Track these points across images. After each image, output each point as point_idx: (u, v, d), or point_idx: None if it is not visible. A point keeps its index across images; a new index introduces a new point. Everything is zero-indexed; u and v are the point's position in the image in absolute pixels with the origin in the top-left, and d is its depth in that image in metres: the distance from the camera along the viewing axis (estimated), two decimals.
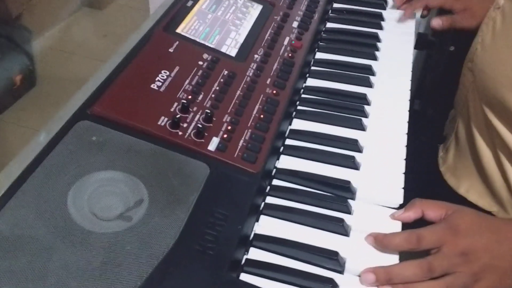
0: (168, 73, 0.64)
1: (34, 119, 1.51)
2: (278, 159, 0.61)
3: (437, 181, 0.79)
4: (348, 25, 0.85)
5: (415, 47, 0.87)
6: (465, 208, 0.55)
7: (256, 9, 0.80)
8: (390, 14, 0.88)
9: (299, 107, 0.69)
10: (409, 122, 0.67)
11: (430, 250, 0.51)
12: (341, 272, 0.50)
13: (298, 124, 0.66)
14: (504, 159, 0.67)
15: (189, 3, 0.76)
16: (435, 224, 0.53)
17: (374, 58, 0.78)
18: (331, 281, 0.48)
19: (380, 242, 0.52)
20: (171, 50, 0.67)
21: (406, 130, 0.66)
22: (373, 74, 0.75)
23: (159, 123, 0.57)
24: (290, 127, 0.66)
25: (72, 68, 1.76)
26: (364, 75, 0.74)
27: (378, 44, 0.81)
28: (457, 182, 0.76)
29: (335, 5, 0.90)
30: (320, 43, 0.81)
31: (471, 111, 0.72)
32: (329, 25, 0.86)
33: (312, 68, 0.76)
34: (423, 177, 0.65)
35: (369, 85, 0.73)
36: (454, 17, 0.81)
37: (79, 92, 0.61)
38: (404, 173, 0.60)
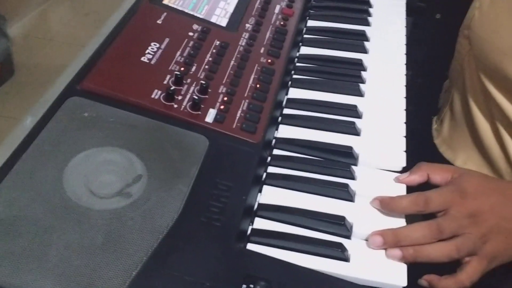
0: (158, 45, 0.61)
1: (17, 108, 1.46)
2: (277, 129, 0.60)
3: (432, 153, 0.78)
4: None
5: None
6: (472, 171, 0.55)
7: None
8: None
9: (294, 76, 0.67)
10: None
11: (437, 213, 0.51)
12: (348, 237, 0.49)
13: (294, 93, 0.65)
14: (502, 129, 0.66)
15: None
16: (442, 187, 0.52)
17: (367, 23, 0.76)
18: (340, 245, 0.48)
19: (387, 205, 0.51)
20: (159, 21, 0.65)
21: (404, 94, 0.65)
22: (367, 39, 0.73)
23: (152, 96, 0.55)
24: (287, 97, 0.64)
25: (52, 54, 1.71)
26: (358, 41, 0.72)
27: (370, 9, 0.79)
28: (454, 155, 0.75)
29: None
30: (311, 11, 0.79)
31: (467, 81, 0.71)
32: None
33: (305, 36, 0.74)
34: (417, 150, 0.64)
35: (364, 50, 0.71)
36: None
37: (65, 72, 0.59)
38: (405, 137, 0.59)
